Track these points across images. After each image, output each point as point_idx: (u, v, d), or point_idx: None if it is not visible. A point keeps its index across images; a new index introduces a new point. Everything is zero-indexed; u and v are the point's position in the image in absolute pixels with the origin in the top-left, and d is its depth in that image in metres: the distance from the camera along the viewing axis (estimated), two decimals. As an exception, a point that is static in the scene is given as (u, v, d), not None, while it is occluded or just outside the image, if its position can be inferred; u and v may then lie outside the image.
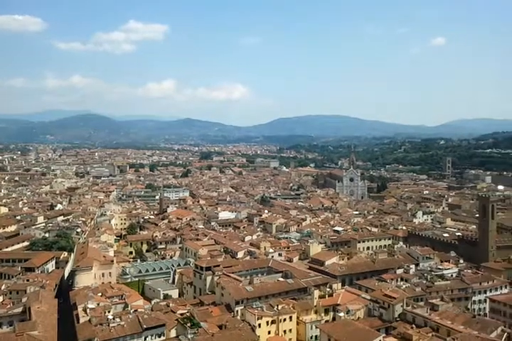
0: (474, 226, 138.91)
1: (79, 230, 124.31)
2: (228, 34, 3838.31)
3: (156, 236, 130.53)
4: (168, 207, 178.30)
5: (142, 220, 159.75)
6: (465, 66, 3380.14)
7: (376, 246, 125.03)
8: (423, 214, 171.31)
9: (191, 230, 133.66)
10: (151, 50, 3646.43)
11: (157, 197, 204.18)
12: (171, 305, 70.92)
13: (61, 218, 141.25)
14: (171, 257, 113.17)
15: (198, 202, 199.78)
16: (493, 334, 60.25)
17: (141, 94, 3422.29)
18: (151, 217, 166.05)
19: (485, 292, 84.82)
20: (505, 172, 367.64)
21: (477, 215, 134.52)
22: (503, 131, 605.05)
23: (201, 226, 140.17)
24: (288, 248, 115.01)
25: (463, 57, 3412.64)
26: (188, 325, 61.43)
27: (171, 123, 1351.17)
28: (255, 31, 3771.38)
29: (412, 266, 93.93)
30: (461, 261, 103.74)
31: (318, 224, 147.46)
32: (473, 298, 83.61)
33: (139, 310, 66.16)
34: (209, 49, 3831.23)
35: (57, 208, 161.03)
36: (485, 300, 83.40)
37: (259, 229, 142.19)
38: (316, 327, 65.54)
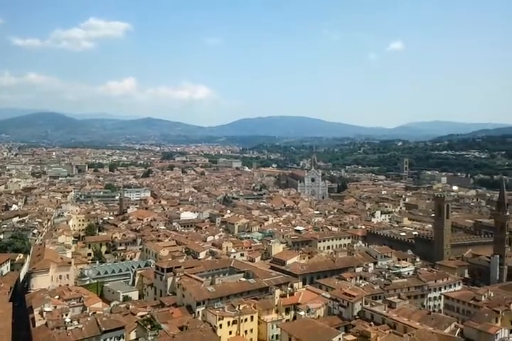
0: (430, 226, 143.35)
1: (35, 231, 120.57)
2: (191, 34, 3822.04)
3: (116, 237, 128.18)
4: (128, 207, 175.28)
5: (101, 221, 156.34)
6: (422, 70, 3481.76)
7: (336, 245, 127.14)
8: (381, 213, 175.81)
9: (152, 231, 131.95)
10: (111, 47, 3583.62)
11: (117, 198, 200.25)
12: (130, 307, 69.87)
13: (16, 219, 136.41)
14: (131, 259, 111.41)
15: (160, 202, 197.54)
16: (447, 330, 62.33)
17: (101, 92, 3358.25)
18: (111, 217, 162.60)
19: (440, 289, 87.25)
20: (459, 174, 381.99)
21: (433, 215, 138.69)
22: (458, 133, 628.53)
23: (162, 227, 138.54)
24: (250, 248, 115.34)
25: (419, 61, 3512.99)
26: (148, 326, 60.71)
27: (132, 123, 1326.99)
28: (217, 31, 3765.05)
29: (371, 265, 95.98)
30: (418, 259, 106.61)
31: (280, 223, 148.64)
32: (429, 295, 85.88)
33: (98, 312, 64.80)
34: (172, 48, 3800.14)
35: (12, 209, 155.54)
36: (440, 297, 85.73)
37: (221, 230, 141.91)
38: (277, 327, 65.95)
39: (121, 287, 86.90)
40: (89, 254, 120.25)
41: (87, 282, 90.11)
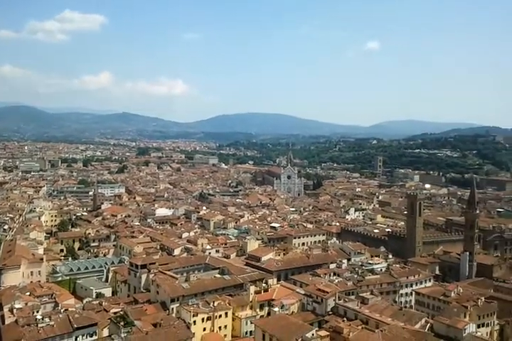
0: (403, 223, 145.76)
1: (6, 227, 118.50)
2: (169, 28, 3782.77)
3: (89, 233, 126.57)
4: (102, 203, 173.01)
5: (74, 217, 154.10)
6: (397, 70, 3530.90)
7: (311, 242, 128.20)
8: (355, 210, 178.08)
9: (126, 227, 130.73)
10: (87, 41, 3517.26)
11: (91, 193, 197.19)
12: (103, 303, 69.20)
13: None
14: (105, 255, 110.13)
15: (134, 198, 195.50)
16: (417, 325, 63.73)
17: (76, 86, 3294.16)
18: (84, 213, 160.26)
19: (411, 285, 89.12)
20: (431, 172, 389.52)
21: (405, 212, 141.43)
22: (431, 132, 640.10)
23: (137, 224, 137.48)
24: (225, 244, 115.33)
25: (395, 61, 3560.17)
26: (122, 323, 60.28)
27: (107, 117, 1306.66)
28: (196, 26, 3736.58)
29: (345, 261, 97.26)
30: (390, 256, 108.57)
31: (256, 220, 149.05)
32: (401, 291, 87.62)
33: (70, 309, 64.10)
34: (149, 43, 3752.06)
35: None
36: (411, 293, 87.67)
37: (196, 226, 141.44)
38: (251, 323, 66.30)
39: (94, 284, 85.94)
40: (62, 250, 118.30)
41: (60, 278, 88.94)
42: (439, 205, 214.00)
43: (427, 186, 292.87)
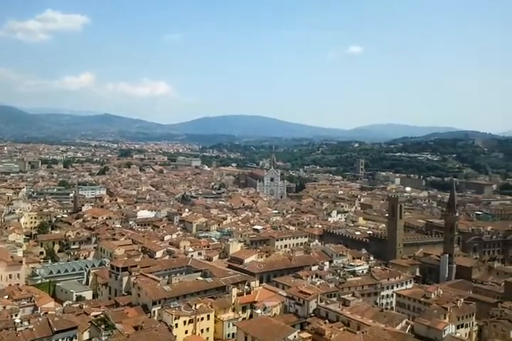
0: (384, 225, 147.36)
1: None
2: (151, 29, 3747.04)
3: (70, 235, 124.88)
4: (83, 205, 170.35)
5: (54, 219, 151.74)
6: (378, 74, 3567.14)
7: (293, 244, 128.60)
8: (337, 213, 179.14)
9: (107, 229, 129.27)
10: (68, 41, 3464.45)
11: (71, 195, 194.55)
12: (84, 306, 68.41)
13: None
14: (85, 257, 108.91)
15: (116, 200, 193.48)
16: (398, 327, 64.37)
17: (57, 86, 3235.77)
18: (65, 215, 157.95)
19: (392, 287, 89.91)
20: (412, 175, 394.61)
21: (387, 215, 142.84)
22: (412, 136, 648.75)
23: (118, 226, 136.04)
24: (208, 247, 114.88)
25: (376, 65, 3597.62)
26: (102, 326, 59.61)
27: (89, 119, 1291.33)
28: (178, 28, 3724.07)
29: (327, 263, 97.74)
30: (372, 258, 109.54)
31: (239, 222, 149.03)
32: (382, 293, 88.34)
33: (50, 312, 63.09)
34: (131, 43, 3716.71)
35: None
36: (392, 295, 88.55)
37: (179, 228, 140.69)
38: (233, 325, 66.21)
39: (75, 286, 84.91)
40: (42, 253, 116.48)
41: (39, 281, 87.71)
42: (419, 208, 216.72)
43: (408, 189, 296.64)
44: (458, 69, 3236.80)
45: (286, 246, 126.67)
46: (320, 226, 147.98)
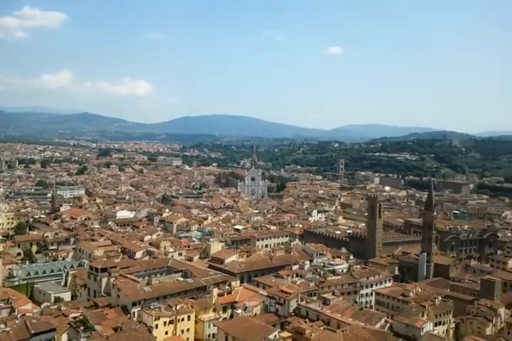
0: (363, 224, 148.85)
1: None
2: (131, 27, 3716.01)
3: (48, 236, 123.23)
4: (61, 205, 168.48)
5: (32, 219, 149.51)
6: (358, 74, 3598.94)
7: (274, 244, 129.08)
8: (318, 212, 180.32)
9: (86, 230, 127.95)
10: (47, 38, 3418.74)
11: (49, 195, 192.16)
12: (62, 308, 67.44)
13: None
14: (64, 258, 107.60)
15: (95, 200, 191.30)
16: (377, 325, 65.16)
17: (35, 85, 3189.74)
18: (42, 216, 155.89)
19: (371, 286, 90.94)
20: (391, 175, 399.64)
21: (366, 214, 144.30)
22: (391, 136, 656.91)
23: (97, 226, 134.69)
24: (188, 247, 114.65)
25: (356, 66, 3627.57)
26: (81, 328, 58.90)
27: (67, 117, 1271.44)
28: (160, 27, 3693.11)
29: (307, 262, 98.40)
30: (351, 256, 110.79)
31: (220, 222, 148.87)
32: (361, 292, 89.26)
33: (27, 314, 62.17)
34: (111, 42, 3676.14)
35: None
36: (371, 293, 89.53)
37: (159, 229, 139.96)
38: (214, 325, 66.11)
39: (53, 288, 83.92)
40: (19, 254, 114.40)
41: (16, 283, 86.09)
42: (398, 207, 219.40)
43: (387, 188, 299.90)
44: (437, 70, 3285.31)
45: (267, 245, 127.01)
46: (300, 225, 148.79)
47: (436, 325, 70.96)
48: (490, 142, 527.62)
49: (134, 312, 66.77)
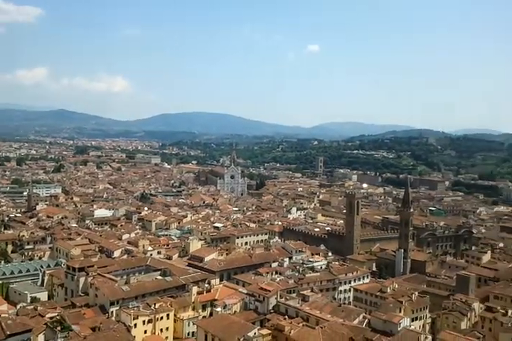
0: (342, 221, 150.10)
1: None
2: (108, 23, 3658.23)
3: (23, 235, 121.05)
4: (37, 204, 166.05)
5: (7, 218, 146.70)
6: (336, 73, 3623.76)
7: (254, 241, 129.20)
8: (297, 210, 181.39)
9: (63, 229, 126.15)
10: (22, 34, 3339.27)
11: (25, 194, 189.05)
12: (39, 308, 66.53)
13: None
14: (40, 258, 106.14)
15: (72, 199, 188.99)
16: (355, 321, 65.88)
17: (9, 81, 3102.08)
18: (18, 215, 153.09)
19: (350, 282, 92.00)
20: (368, 172, 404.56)
21: (344, 211, 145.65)
22: (369, 134, 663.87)
23: (74, 225, 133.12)
24: (167, 245, 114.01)
25: (333, 64, 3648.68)
26: (58, 328, 58.12)
27: (43, 114, 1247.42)
28: (137, 22, 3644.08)
29: (286, 260, 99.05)
30: (330, 253, 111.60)
31: (199, 220, 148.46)
32: (340, 288, 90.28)
33: (3, 315, 61.41)
34: (88, 37, 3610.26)
35: None
36: (349, 290, 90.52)
37: (137, 227, 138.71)
38: (193, 324, 66.03)
39: (29, 288, 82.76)
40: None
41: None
42: (375, 204, 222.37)
43: (365, 186, 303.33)
44: (414, 69, 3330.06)
45: (246, 243, 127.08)
46: (280, 223, 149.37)
47: (413, 320, 72.07)
48: (465, 140, 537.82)
49: (112, 312, 66.28)
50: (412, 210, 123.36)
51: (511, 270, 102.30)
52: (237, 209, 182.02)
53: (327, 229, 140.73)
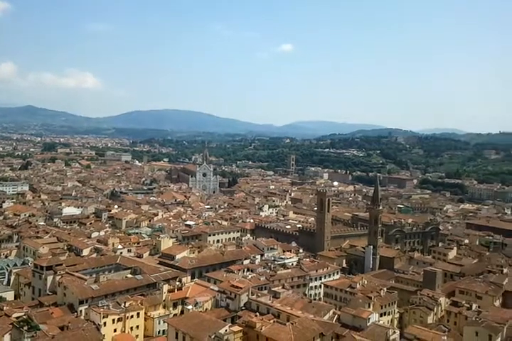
0: (313, 219, 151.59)
1: None
2: (77, 17, 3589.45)
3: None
4: (3, 202, 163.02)
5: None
6: (308, 72, 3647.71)
7: (226, 239, 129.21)
8: (269, 207, 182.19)
9: (30, 227, 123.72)
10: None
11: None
12: (5, 308, 64.82)
13: None
14: (6, 257, 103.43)
15: (39, 196, 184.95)
16: (326, 317, 66.71)
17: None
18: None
19: (320, 278, 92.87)
20: (339, 170, 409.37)
21: (315, 208, 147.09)
22: (340, 133, 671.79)
23: (42, 223, 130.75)
24: (138, 243, 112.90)
25: (306, 63, 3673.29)
26: (25, 328, 56.84)
27: (10, 111, 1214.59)
28: (106, 17, 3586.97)
29: (258, 257, 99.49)
30: (301, 250, 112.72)
31: (171, 218, 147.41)
32: (310, 284, 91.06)
33: (-34, 316, 59.39)
34: (56, 32, 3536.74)
35: None
36: (320, 286, 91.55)
37: (107, 225, 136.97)
38: (164, 322, 65.67)
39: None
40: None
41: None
42: (346, 202, 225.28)
43: (335, 183, 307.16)
44: (384, 69, 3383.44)
45: (218, 241, 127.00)
46: (252, 220, 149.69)
47: (381, 315, 73.47)
48: (432, 139, 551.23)
49: (81, 311, 65.28)
50: (381, 208, 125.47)
51: (476, 265, 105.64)
52: (209, 206, 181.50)
53: (298, 226, 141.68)
